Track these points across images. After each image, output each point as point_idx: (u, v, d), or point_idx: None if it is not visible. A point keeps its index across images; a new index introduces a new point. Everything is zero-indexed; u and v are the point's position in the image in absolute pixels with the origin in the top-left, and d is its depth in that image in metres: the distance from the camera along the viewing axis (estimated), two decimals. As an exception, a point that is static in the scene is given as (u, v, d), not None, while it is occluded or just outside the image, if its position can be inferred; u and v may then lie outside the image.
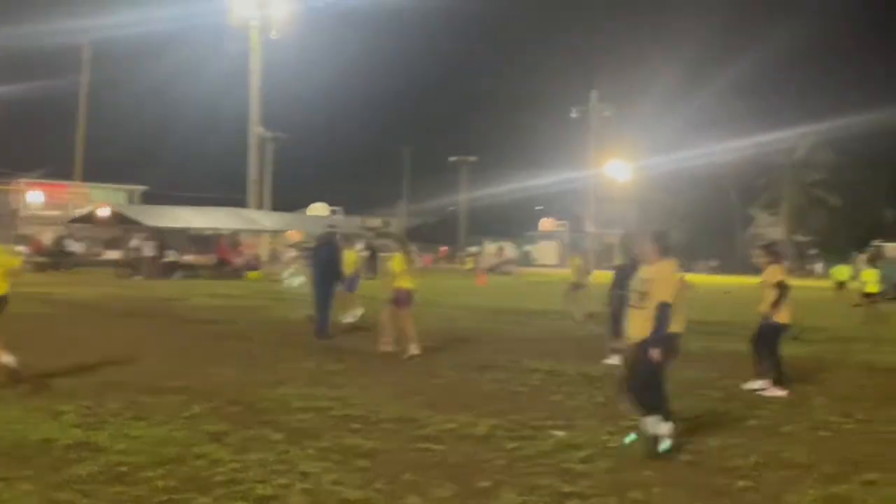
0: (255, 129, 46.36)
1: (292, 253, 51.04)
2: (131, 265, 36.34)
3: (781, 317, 10.35)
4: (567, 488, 5.96)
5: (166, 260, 36.21)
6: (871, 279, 22.89)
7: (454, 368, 11.46)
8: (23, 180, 65.91)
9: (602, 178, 69.44)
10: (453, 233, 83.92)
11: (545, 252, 77.74)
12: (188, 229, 41.52)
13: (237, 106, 50.19)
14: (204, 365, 11.27)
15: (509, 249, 63.63)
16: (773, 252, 10.72)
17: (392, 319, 12.91)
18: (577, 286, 19.98)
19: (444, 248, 73.74)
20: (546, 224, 78.89)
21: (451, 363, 11.94)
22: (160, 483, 5.79)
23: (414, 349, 12.49)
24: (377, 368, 11.47)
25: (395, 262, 13.12)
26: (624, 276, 10.40)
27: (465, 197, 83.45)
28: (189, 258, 37.97)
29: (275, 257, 52.43)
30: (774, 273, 10.33)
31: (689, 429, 7.97)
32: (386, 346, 12.78)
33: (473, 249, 77.12)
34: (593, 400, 9.42)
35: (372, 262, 43.41)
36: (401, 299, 12.79)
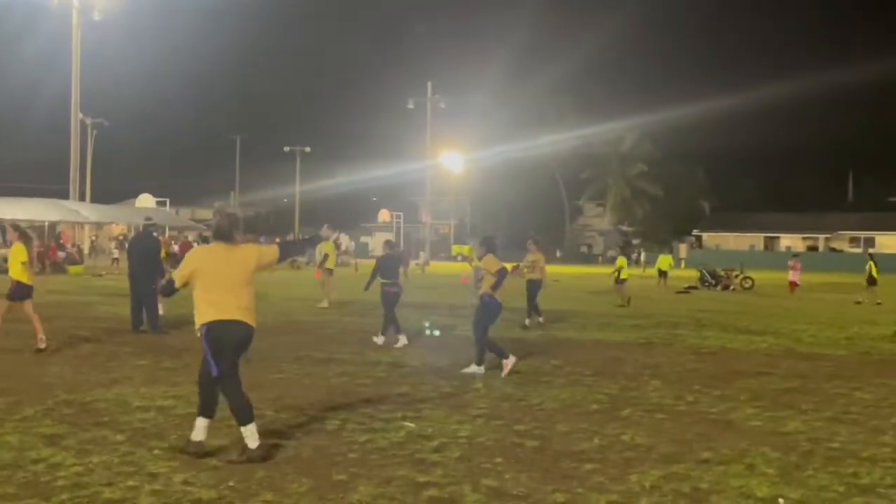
0: (76, 115, 44.15)
1: (114, 246, 49.31)
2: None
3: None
4: (422, 478, 6.05)
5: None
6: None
7: (296, 362, 11.36)
8: None
9: (438, 170, 70.34)
10: (288, 224, 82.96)
11: (382, 243, 77.95)
12: (1, 221, 39.03)
13: (56, 91, 47.73)
14: (31, 365, 10.75)
15: (346, 241, 63.17)
16: (487, 244, 11.45)
17: None
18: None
19: (277, 240, 72.73)
20: (383, 215, 79.17)
21: (292, 357, 11.84)
22: (-6, 492, 5.48)
23: None
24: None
25: None
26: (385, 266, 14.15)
27: (301, 188, 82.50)
28: (3, 252, 35.71)
29: (98, 250, 50.29)
30: (491, 261, 11.14)
31: (535, 416, 8.26)
32: None
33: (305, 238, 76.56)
34: (439, 390, 9.57)
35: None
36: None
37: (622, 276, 24.24)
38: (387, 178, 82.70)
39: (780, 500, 5.76)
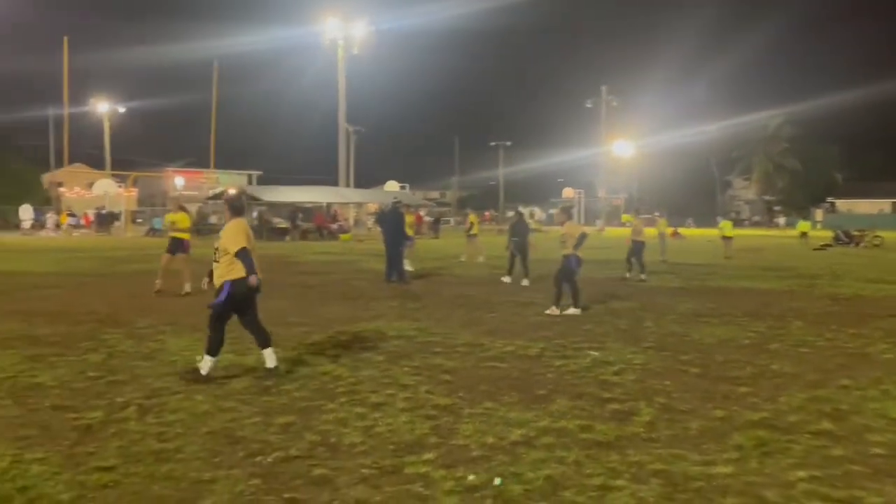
0: (342, 125, 46.32)
1: (372, 220, 51.58)
2: (254, 231, 36.79)
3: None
4: (606, 395, 5.93)
5: (279, 226, 36.60)
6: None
7: (505, 305, 11.42)
8: (170, 168, 67.09)
9: (610, 155, 68.27)
10: (494, 201, 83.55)
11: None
12: (294, 203, 41.81)
13: (327, 107, 50.15)
14: (317, 305, 11.38)
15: (538, 213, 62.93)
16: (567, 212, 10.97)
17: None
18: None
19: (487, 213, 73.13)
20: (567, 192, 77.89)
21: (502, 301, 11.90)
22: (297, 394, 5.88)
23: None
24: (446, 306, 11.47)
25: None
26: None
27: (503, 173, 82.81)
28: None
29: (359, 223, 52.75)
30: (573, 227, 10.59)
31: (697, 348, 7.88)
32: None
33: (510, 214, 76.71)
34: (617, 327, 9.32)
35: (435, 225, 43.56)
36: None
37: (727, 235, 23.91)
38: (570, 161, 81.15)
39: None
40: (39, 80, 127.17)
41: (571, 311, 10.38)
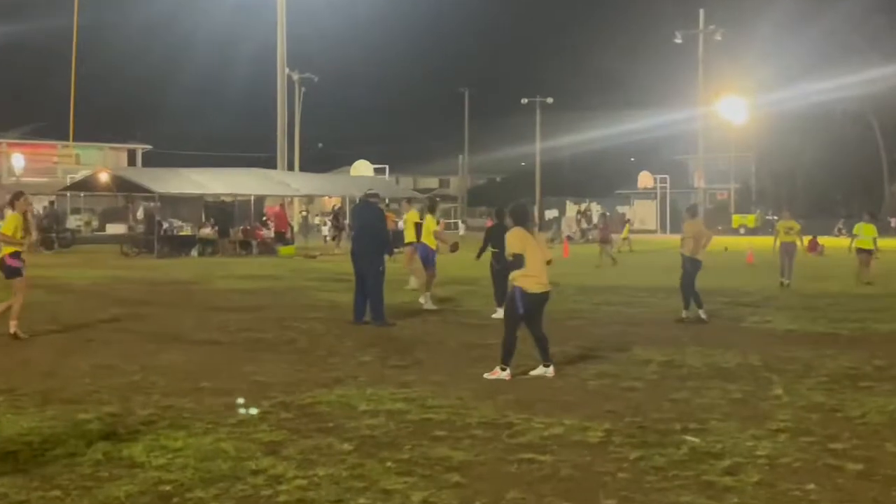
0: (282, 69, 46.61)
1: (326, 223, 51.86)
2: (138, 241, 37.05)
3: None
4: (714, 507, 5.93)
5: (181, 234, 36.87)
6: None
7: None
8: (3, 141, 66.97)
9: (713, 121, 68.49)
10: (527, 193, 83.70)
11: (642, 214, 77.17)
12: (204, 196, 41.98)
13: (258, 45, 50.41)
14: (241, 362, 11.43)
15: (595, 210, 63.09)
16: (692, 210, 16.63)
17: None
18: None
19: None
20: (644, 179, 78.05)
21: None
22: (212, 507, 5.90)
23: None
24: (450, 361, 11.50)
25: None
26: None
27: (542, 148, 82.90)
28: (207, 231, 38.50)
29: (309, 228, 53.00)
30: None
31: (856, 432, 7.88)
32: None
33: (551, 213, 76.91)
34: (728, 396, 9.34)
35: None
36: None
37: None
38: (647, 132, 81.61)
39: None
40: None
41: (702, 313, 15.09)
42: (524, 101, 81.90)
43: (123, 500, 6.00)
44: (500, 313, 16.19)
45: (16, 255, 13.15)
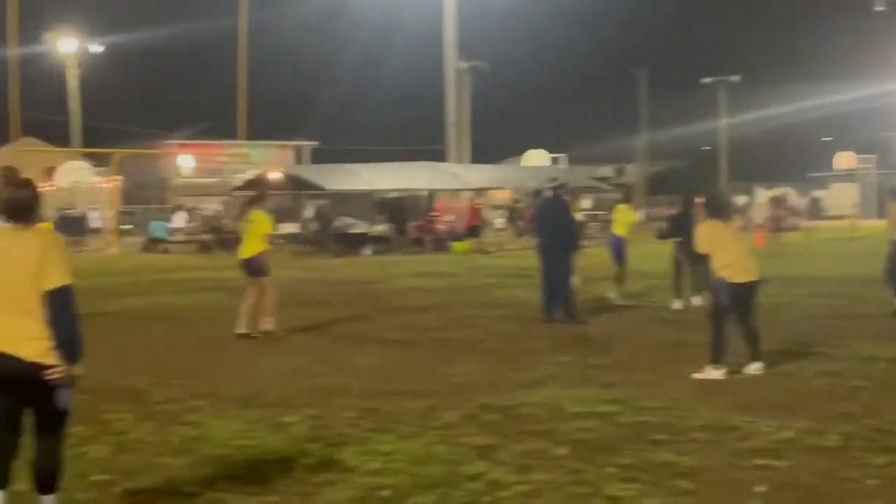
0: (451, 60, 46.91)
1: (501, 217, 51.93)
2: (310, 240, 37.87)
3: None
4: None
5: (353, 231, 37.58)
6: None
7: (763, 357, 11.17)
8: (173, 142, 69.29)
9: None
10: (710, 179, 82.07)
11: (841, 198, 74.58)
12: (374, 192, 42.57)
13: (425, 36, 50.85)
14: (434, 362, 11.57)
15: (792, 196, 61.26)
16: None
17: None
18: None
19: (699, 200, 72.26)
20: (843, 159, 75.36)
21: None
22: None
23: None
24: (653, 360, 11.40)
25: None
26: None
27: (725, 130, 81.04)
28: (380, 228, 39.10)
29: (483, 222, 53.20)
30: None
31: None
32: None
33: (742, 199, 75.17)
34: (973, 396, 8.96)
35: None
36: None
37: None
38: (845, 107, 78.76)
39: None
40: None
41: None
42: (706, 80, 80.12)
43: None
44: (677, 304, 16.29)
45: (265, 253, 14.04)
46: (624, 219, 17.97)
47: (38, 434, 5.33)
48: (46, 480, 5.37)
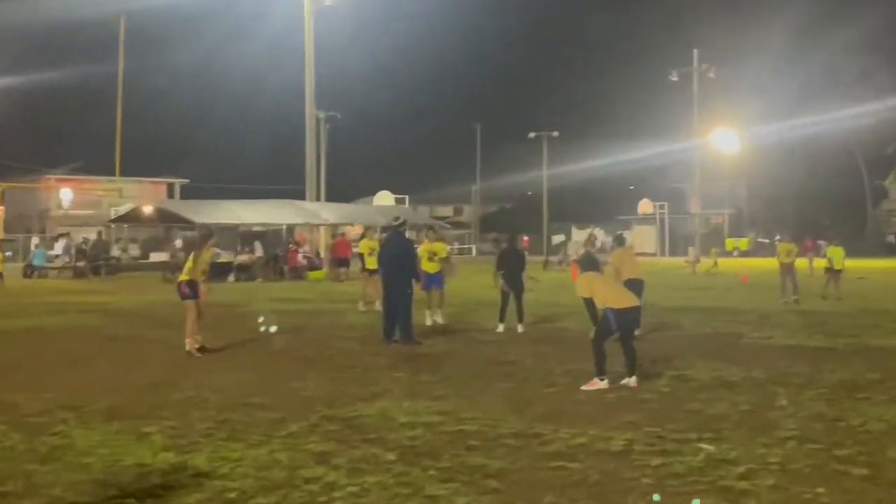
0: (310, 109, 46.73)
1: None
2: (178, 268, 37.10)
3: None
4: (732, 509, 5.97)
5: (219, 261, 36.90)
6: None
7: (567, 375, 11.47)
8: (52, 176, 67.87)
9: (706, 151, 68.49)
10: (535, 219, 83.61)
11: (643, 238, 77.02)
12: (239, 225, 42.07)
13: (286, 87, 50.63)
14: (286, 378, 11.48)
15: (600, 236, 62.93)
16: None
17: None
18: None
19: (526, 238, 73.44)
20: (644, 206, 78.15)
21: (562, 370, 11.95)
22: (274, 511, 5.97)
23: None
24: (478, 376, 11.55)
25: None
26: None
27: (547, 178, 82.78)
28: (243, 258, 38.62)
29: (354, 254, 52.89)
30: None
31: (858, 440, 7.90)
32: None
33: (558, 238, 76.88)
34: (737, 408, 9.35)
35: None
36: None
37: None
38: (646, 161, 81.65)
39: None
40: None
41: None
42: (532, 135, 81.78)
43: (193, 507, 6.09)
44: (501, 328, 16.60)
45: (192, 282, 13.82)
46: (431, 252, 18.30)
47: None
48: None
